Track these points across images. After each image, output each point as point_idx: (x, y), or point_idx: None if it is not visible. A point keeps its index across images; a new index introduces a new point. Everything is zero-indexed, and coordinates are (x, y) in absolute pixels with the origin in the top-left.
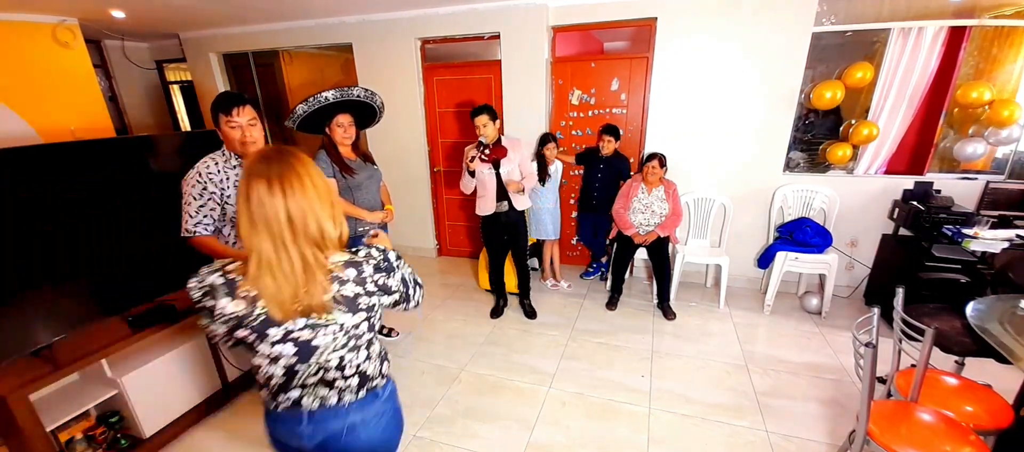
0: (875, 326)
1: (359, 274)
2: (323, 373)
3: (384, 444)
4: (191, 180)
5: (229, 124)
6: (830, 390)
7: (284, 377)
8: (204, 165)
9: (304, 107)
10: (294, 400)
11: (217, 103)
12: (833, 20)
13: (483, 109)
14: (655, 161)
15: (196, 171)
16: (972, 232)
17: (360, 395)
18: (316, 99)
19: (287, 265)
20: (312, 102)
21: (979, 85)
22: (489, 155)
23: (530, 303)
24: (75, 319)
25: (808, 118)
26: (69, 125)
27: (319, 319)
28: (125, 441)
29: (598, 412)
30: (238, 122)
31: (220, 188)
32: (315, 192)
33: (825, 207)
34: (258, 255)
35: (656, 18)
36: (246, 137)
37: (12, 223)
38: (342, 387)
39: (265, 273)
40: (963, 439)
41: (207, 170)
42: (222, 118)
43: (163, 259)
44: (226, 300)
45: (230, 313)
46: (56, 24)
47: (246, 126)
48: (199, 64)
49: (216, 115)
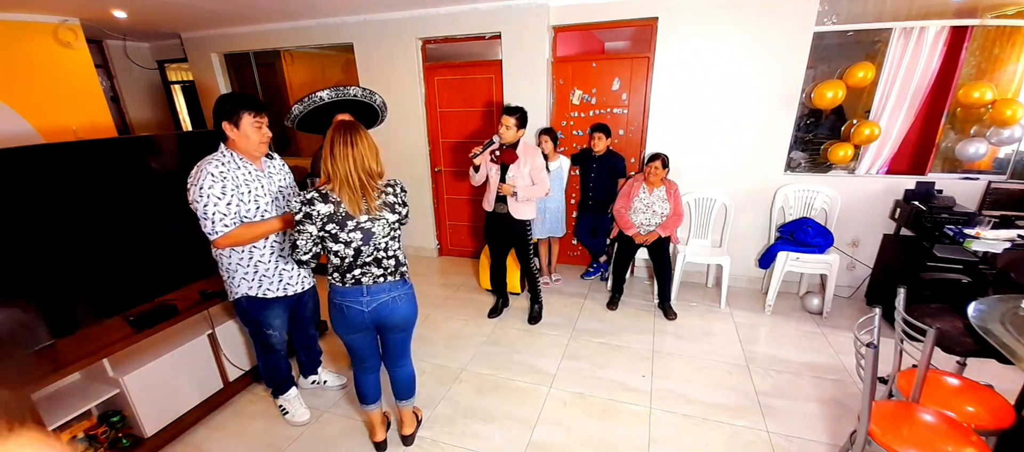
0: (876, 326)
1: (393, 191)
2: (376, 253)
3: (411, 316)
4: (205, 184)
5: (256, 123)
6: (831, 390)
7: (353, 257)
8: (213, 166)
9: (300, 107)
10: (356, 278)
11: (242, 101)
12: (834, 20)
13: (515, 110)
14: (657, 161)
15: (207, 174)
16: (974, 232)
17: (395, 277)
18: (311, 99)
19: (355, 182)
20: (307, 102)
21: (981, 85)
22: (498, 157)
23: (540, 309)
24: (77, 318)
25: (809, 118)
26: (71, 125)
27: (374, 215)
28: (126, 440)
29: (599, 412)
30: (262, 122)
31: (242, 182)
32: (367, 146)
33: (826, 207)
34: (339, 178)
35: (657, 18)
36: (264, 136)
37: (14, 223)
38: (385, 268)
39: (344, 188)
40: (964, 439)
41: (219, 170)
42: (249, 117)
43: (165, 259)
44: (321, 204)
45: (325, 212)
46: (58, 24)
47: (266, 127)
48: (200, 64)
49: (239, 113)
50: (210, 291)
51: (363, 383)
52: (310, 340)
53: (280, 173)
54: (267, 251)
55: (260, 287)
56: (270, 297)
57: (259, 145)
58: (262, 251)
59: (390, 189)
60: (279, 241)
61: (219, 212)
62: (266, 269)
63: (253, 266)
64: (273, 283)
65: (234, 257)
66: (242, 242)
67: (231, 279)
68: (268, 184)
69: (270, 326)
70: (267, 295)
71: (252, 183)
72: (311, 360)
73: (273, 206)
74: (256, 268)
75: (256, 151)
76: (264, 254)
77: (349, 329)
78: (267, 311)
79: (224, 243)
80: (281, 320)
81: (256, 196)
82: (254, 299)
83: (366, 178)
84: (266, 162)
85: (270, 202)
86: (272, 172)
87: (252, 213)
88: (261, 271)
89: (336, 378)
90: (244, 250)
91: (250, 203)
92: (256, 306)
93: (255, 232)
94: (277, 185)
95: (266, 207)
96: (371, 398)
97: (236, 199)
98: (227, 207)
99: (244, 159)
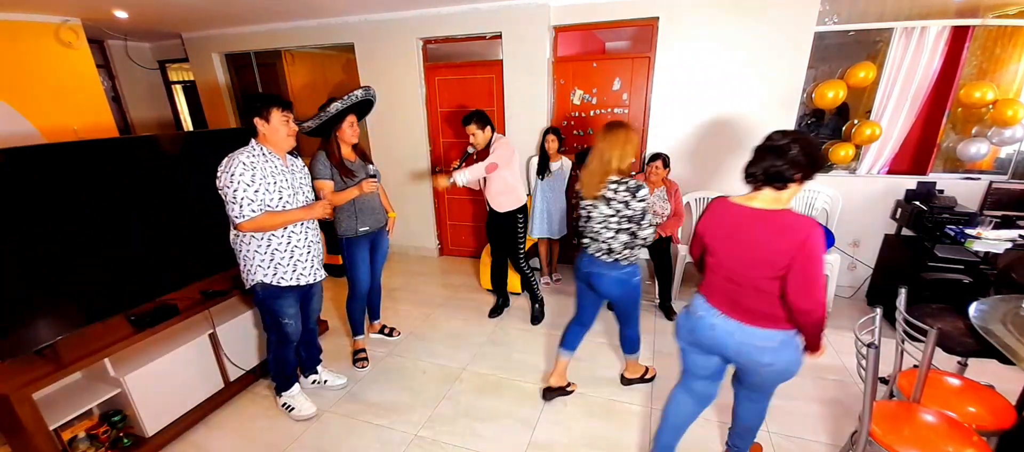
0: (877, 326)
1: (615, 190)
2: (590, 234)
3: (619, 295)
4: (237, 171)
5: (284, 118)
6: (832, 390)
7: (582, 227)
8: (245, 156)
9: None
10: (583, 244)
11: (271, 99)
12: (836, 20)
13: (471, 118)
14: (658, 161)
15: (239, 162)
16: (975, 232)
17: (606, 259)
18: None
19: (594, 167)
20: (338, 105)
21: (982, 85)
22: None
23: (541, 308)
24: (78, 318)
25: (811, 118)
26: (72, 125)
27: (593, 203)
28: (128, 440)
29: (599, 412)
30: (289, 117)
31: (269, 174)
32: (616, 143)
33: (827, 207)
34: (590, 162)
35: (657, 18)
36: (291, 130)
37: (15, 222)
38: (597, 248)
39: (585, 174)
40: (965, 440)
41: (251, 160)
42: (279, 113)
43: (166, 258)
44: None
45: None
46: (59, 24)
47: (293, 122)
48: (201, 64)
49: (269, 109)
50: (211, 291)
51: (567, 328)
52: (311, 336)
53: (301, 172)
54: (284, 240)
55: (275, 275)
56: (284, 286)
57: (287, 138)
58: (280, 239)
59: (615, 186)
60: (296, 232)
61: (247, 198)
62: (281, 257)
63: (270, 254)
64: (287, 273)
65: (252, 244)
66: (264, 229)
67: (247, 266)
68: (291, 179)
69: (285, 315)
70: (281, 283)
71: (278, 176)
72: (311, 356)
73: (294, 199)
74: (272, 256)
75: (284, 144)
76: (281, 243)
77: (574, 276)
78: (281, 300)
79: (248, 227)
80: (296, 309)
81: (281, 188)
82: (269, 286)
83: (599, 168)
84: (290, 159)
85: (292, 195)
86: (295, 169)
87: (275, 203)
88: (277, 259)
89: (336, 378)
90: (263, 238)
91: (274, 193)
92: (271, 294)
93: (277, 221)
94: (299, 181)
95: (289, 199)
96: (565, 344)
97: (263, 188)
98: (255, 194)
99: (272, 153)
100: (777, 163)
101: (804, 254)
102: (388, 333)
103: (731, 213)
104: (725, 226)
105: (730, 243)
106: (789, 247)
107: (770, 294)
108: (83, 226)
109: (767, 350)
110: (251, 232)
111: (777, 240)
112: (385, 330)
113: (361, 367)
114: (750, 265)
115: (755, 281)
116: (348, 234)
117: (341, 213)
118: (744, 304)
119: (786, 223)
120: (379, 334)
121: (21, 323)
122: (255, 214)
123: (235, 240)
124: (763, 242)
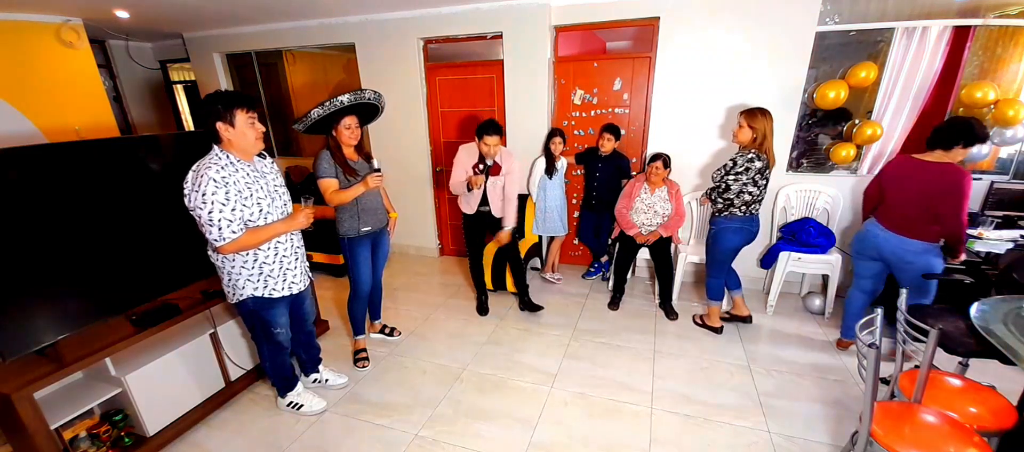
0: (878, 327)
1: None
2: None
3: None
4: (208, 190)
5: (250, 120)
6: (833, 391)
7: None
8: (213, 172)
9: (319, 111)
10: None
11: (234, 99)
12: (837, 19)
13: (497, 128)
14: (659, 161)
15: (209, 180)
16: (976, 232)
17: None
18: (332, 103)
19: None
20: (327, 106)
21: (983, 85)
22: (489, 174)
23: (529, 299)
24: (79, 318)
25: (812, 118)
26: (73, 125)
27: None
28: (129, 439)
29: (600, 412)
30: (255, 117)
31: (243, 185)
32: None
33: (828, 207)
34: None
35: (658, 18)
36: (258, 132)
37: (17, 222)
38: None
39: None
40: (966, 440)
41: (221, 176)
42: (242, 114)
43: (167, 258)
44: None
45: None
46: (60, 24)
47: (258, 122)
48: (203, 64)
49: (232, 112)
50: (212, 291)
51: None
52: (308, 338)
53: (273, 172)
54: (271, 253)
55: (266, 287)
56: (276, 296)
57: (255, 142)
58: (267, 252)
59: None
60: (282, 241)
61: (225, 218)
62: (271, 270)
63: (258, 268)
64: (278, 283)
65: (238, 260)
66: (247, 248)
67: (234, 282)
68: (265, 183)
69: (277, 324)
70: (273, 295)
71: (252, 185)
72: (311, 358)
73: (272, 206)
74: (261, 269)
75: (252, 148)
76: (268, 256)
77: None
78: (273, 310)
79: (230, 249)
80: (286, 317)
81: (258, 199)
82: (261, 299)
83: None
84: (258, 160)
85: (270, 202)
86: (265, 171)
87: (255, 216)
88: (266, 272)
89: (337, 377)
90: (248, 253)
91: (252, 205)
92: (263, 306)
93: (260, 237)
94: (272, 184)
95: (268, 208)
96: (732, 285)
97: (239, 203)
98: (232, 212)
99: (240, 160)
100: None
101: (960, 189)
102: (389, 333)
103: (911, 163)
104: (905, 170)
105: (908, 182)
106: (951, 183)
107: (927, 218)
108: (84, 226)
109: (913, 251)
110: (234, 253)
111: (943, 178)
112: (386, 330)
113: (362, 367)
114: (921, 196)
115: (921, 208)
116: (350, 234)
117: (343, 213)
118: (906, 224)
119: (952, 169)
120: (380, 334)
121: (22, 322)
122: (236, 235)
123: (215, 256)
124: (934, 180)
